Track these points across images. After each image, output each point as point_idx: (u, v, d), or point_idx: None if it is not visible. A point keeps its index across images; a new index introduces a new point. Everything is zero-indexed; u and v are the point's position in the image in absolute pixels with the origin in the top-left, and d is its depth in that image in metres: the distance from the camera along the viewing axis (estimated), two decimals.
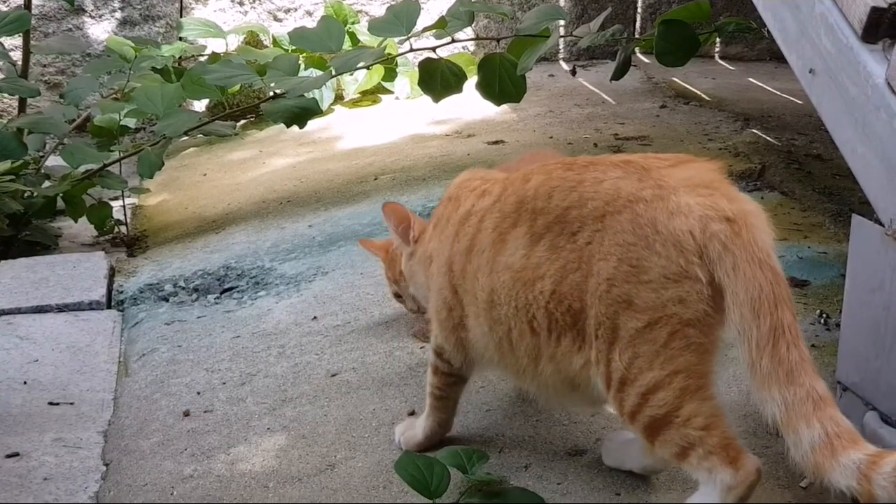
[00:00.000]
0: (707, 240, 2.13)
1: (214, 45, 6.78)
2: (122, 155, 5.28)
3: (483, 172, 2.76)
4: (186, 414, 3.22)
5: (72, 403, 3.38)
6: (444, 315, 2.64)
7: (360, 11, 7.01)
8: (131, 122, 5.88)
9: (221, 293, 4.14)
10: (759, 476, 2.16)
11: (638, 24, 7.33)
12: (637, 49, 6.82)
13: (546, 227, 2.34)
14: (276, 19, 7.11)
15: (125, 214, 5.35)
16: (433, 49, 4.64)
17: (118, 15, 6.93)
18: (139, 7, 6.95)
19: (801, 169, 4.72)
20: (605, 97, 6.41)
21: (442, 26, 4.52)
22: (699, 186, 2.21)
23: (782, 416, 2.04)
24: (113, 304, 4.22)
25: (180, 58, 6.52)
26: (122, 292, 4.30)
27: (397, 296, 3.42)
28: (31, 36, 6.02)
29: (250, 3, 7.10)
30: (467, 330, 2.58)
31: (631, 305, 2.19)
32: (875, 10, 2.50)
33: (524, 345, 2.39)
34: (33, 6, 6.16)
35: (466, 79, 4.56)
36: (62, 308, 4.10)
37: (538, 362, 2.37)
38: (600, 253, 2.24)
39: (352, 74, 6.40)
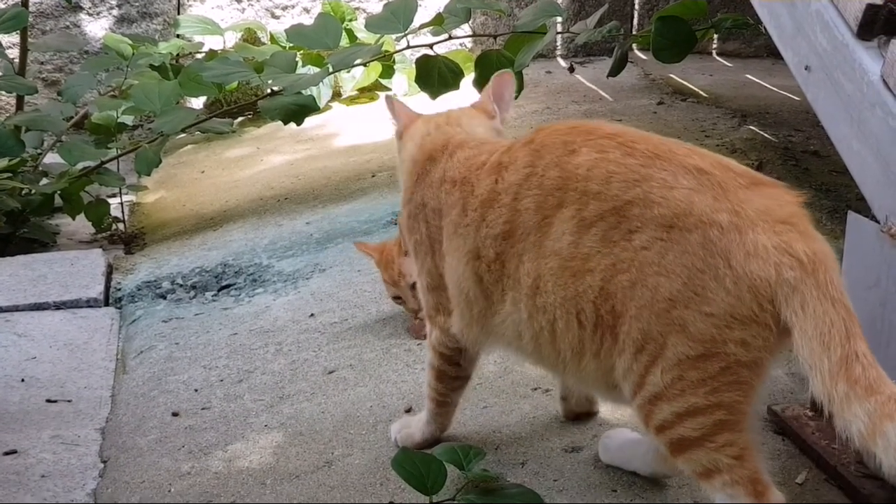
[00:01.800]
0: (778, 286, 2.04)
1: (212, 43, 6.78)
2: (119, 152, 5.28)
3: (480, 142, 2.59)
4: (175, 415, 3.23)
5: (69, 401, 3.38)
6: (464, 307, 2.51)
7: (357, 8, 7.01)
8: (129, 120, 5.88)
9: (219, 290, 4.15)
10: None
11: (635, 21, 7.34)
12: (634, 45, 6.83)
13: (599, 215, 2.20)
14: (274, 16, 7.12)
15: (123, 212, 5.36)
16: (430, 46, 4.64)
17: (115, 12, 6.93)
18: (136, 4, 6.95)
19: (797, 165, 4.72)
20: (603, 94, 6.41)
21: (439, 23, 4.53)
22: (777, 222, 2.09)
23: (867, 427, 1.92)
24: (111, 301, 4.23)
25: (178, 55, 6.52)
26: (119, 289, 4.31)
27: (397, 298, 3.42)
28: (29, 33, 6.02)
29: (248, 1, 7.10)
30: (491, 319, 2.46)
31: (686, 331, 2.10)
32: (870, 7, 2.50)
33: (569, 337, 2.28)
34: (31, 3, 6.17)
35: (463, 75, 4.56)
36: (60, 305, 4.10)
37: (582, 358, 2.28)
38: (660, 266, 2.12)
39: (349, 71, 6.41)
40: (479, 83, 4.46)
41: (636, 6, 7.37)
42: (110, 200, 5.35)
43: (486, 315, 2.46)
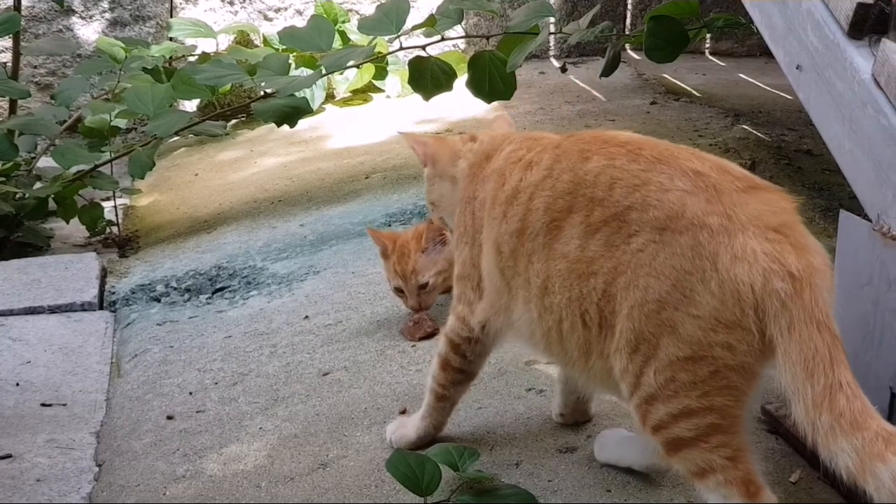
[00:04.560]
0: (766, 295, 2.03)
1: (205, 45, 6.78)
2: (113, 155, 5.28)
3: (526, 138, 2.62)
4: (170, 418, 3.23)
5: (64, 405, 3.38)
6: (493, 296, 2.52)
7: (350, 10, 7.01)
8: (122, 123, 5.88)
9: (213, 293, 4.15)
10: None
11: (628, 21, 7.34)
12: (627, 45, 6.83)
13: (603, 220, 2.23)
14: (267, 19, 7.11)
15: (117, 215, 5.35)
16: (423, 47, 4.64)
17: (108, 16, 6.92)
18: (129, 8, 6.94)
19: (790, 164, 4.73)
20: (596, 94, 6.41)
21: (432, 24, 4.53)
22: (769, 229, 2.09)
23: (855, 464, 1.91)
24: (105, 304, 4.23)
25: (171, 58, 6.51)
26: (114, 293, 4.31)
27: (399, 291, 3.41)
28: (21, 37, 6.01)
29: (240, 3, 7.10)
30: (510, 315, 2.48)
31: (676, 333, 2.11)
32: (861, 6, 2.51)
33: (575, 337, 2.30)
34: (23, 7, 6.15)
35: (456, 77, 4.56)
36: (54, 309, 4.10)
37: (589, 357, 2.29)
38: (651, 267, 2.14)
39: (342, 73, 6.41)
40: (472, 84, 4.47)
41: (628, 6, 7.37)
42: (104, 204, 5.34)
43: (509, 307, 2.49)
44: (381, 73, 6.68)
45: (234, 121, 6.78)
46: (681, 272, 2.11)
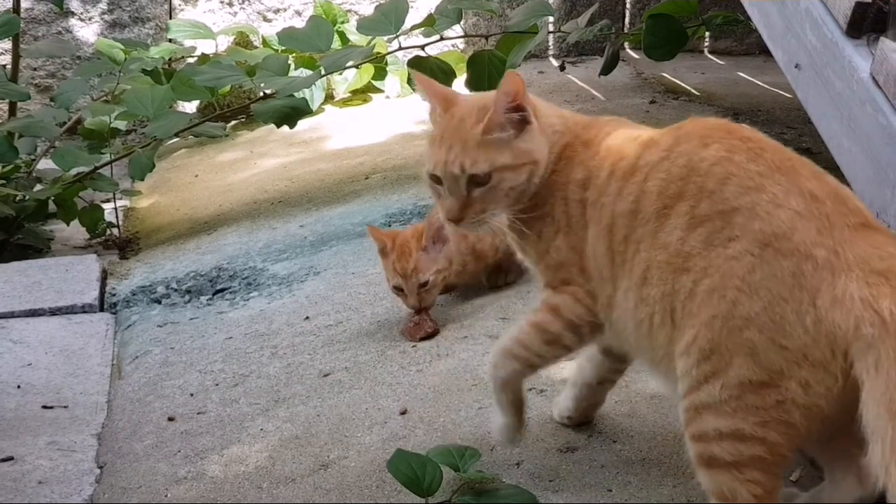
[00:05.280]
0: (855, 339, 1.98)
1: (204, 47, 6.78)
2: (113, 157, 5.28)
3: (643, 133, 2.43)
4: (171, 419, 3.23)
5: (65, 407, 3.38)
6: (599, 289, 2.37)
7: (349, 11, 7.01)
8: (122, 125, 5.88)
9: (214, 294, 4.15)
10: None
11: (626, 19, 7.34)
12: (626, 44, 6.83)
13: (707, 215, 2.14)
14: (266, 20, 7.11)
15: (117, 217, 5.35)
16: (422, 47, 4.65)
17: (107, 17, 6.92)
18: (128, 9, 6.94)
19: None
20: (595, 93, 6.41)
21: (430, 24, 4.54)
22: (872, 273, 2.01)
23: None
24: (106, 306, 4.23)
25: (170, 59, 6.52)
26: (114, 295, 4.31)
27: (398, 290, 3.41)
28: (21, 39, 6.02)
29: (240, 4, 7.10)
30: (612, 308, 2.36)
31: (755, 356, 2.05)
32: (859, 5, 2.52)
33: (662, 335, 2.22)
34: (22, 10, 6.16)
35: (456, 76, 4.56)
36: (55, 311, 4.10)
37: (673, 358, 2.20)
38: (744, 282, 2.06)
39: (341, 74, 6.40)
40: (472, 84, 4.47)
41: (627, 5, 7.37)
42: (104, 206, 5.34)
43: (611, 300, 2.36)
44: (380, 73, 6.68)
45: (233, 122, 6.78)
46: (776, 297, 2.04)
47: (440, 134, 2.42)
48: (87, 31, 6.91)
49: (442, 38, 4.73)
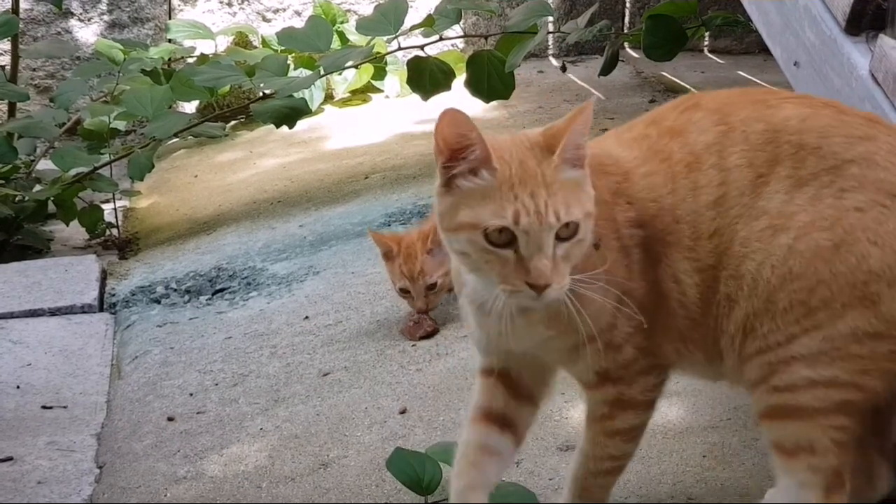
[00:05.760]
0: None
1: (203, 47, 6.77)
2: (112, 158, 5.28)
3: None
4: (171, 419, 3.23)
5: (65, 407, 3.38)
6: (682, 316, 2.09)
7: (348, 11, 7.00)
8: (121, 125, 5.87)
9: (213, 294, 4.15)
10: None
11: (626, 19, 7.33)
12: (625, 44, 6.82)
13: (814, 172, 1.99)
14: (265, 20, 7.10)
15: (116, 217, 5.35)
16: (421, 47, 4.65)
17: (106, 18, 6.92)
18: (127, 10, 6.94)
19: None
20: (595, 92, 6.40)
21: (430, 24, 4.53)
22: None
23: None
24: (105, 306, 4.23)
25: (169, 59, 6.51)
26: (114, 295, 4.30)
27: (405, 292, 3.40)
28: (20, 40, 6.02)
29: (239, 4, 7.09)
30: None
31: (876, 308, 1.95)
32: (858, 2, 2.52)
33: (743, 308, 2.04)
34: (21, 10, 6.15)
35: (455, 76, 4.56)
36: (54, 311, 4.10)
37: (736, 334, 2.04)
38: (875, 234, 1.95)
39: (341, 74, 6.40)
40: (471, 84, 4.47)
41: (627, 5, 7.36)
42: (104, 206, 5.34)
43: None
44: (379, 73, 6.68)
45: (233, 122, 6.77)
46: None
47: (502, 182, 1.95)
48: (87, 31, 6.91)
49: (441, 38, 4.73)
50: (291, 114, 4.76)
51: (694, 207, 2.05)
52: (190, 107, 6.79)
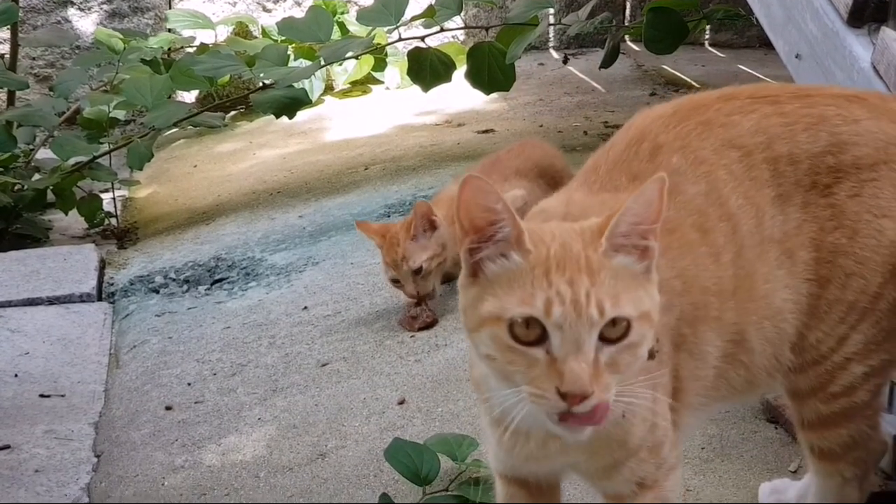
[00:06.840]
0: None
1: (203, 36, 6.77)
2: (111, 147, 5.27)
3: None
4: (169, 408, 3.22)
5: (63, 395, 3.38)
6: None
7: (349, 1, 7.00)
8: (121, 114, 5.88)
9: (212, 284, 4.14)
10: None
11: (627, 12, 7.33)
12: (626, 37, 6.82)
13: (794, 182, 1.90)
14: (265, 10, 7.10)
15: (115, 206, 5.35)
16: (422, 38, 4.64)
17: (106, 7, 6.91)
18: None
19: None
20: (595, 85, 6.41)
21: (431, 15, 4.53)
22: None
23: None
24: (104, 296, 4.22)
25: (169, 49, 6.51)
26: (112, 284, 4.30)
27: (395, 281, 3.42)
28: (20, 29, 6.01)
29: None
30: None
31: None
32: None
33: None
34: None
35: (456, 68, 4.56)
36: (53, 300, 4.10)
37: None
38: (877, 207, 1.89)
39: (341, 65, 6.40)
40: (472, 75, 4.47)
41: None
42: (103, 195, 5.33)
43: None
44: (380, 64, 6.68)
45: (232, 112, 6.77)
46: None
47: (536, 265, 1.60)
48: (87, 20, 6.90)
49: (442, 30, 4.72)
50: (291, 104, 4.75)
51: (718, 272, 1.85)
52: (190, 96, 6.79)
